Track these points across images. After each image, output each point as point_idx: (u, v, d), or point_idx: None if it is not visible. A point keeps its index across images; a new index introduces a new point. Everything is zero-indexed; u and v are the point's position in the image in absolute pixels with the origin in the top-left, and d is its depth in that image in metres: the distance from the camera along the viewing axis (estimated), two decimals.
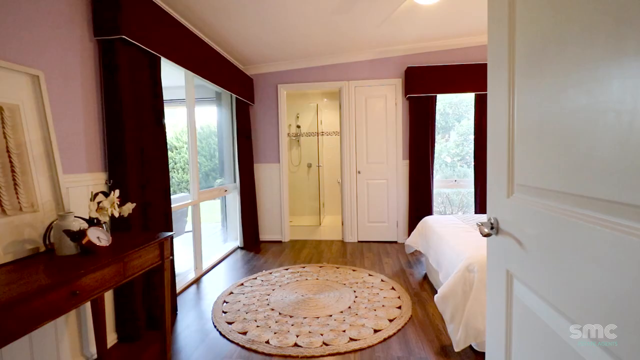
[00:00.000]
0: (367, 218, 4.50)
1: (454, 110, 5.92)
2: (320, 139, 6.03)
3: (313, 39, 3.80)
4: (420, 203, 4.26)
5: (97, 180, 2.06)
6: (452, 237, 2.44)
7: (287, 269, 3.47)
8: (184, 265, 3.55)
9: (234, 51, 3.97)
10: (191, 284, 3.19)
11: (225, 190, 4.16)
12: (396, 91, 4.35)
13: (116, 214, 1.70)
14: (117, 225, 2.10)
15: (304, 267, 3.51)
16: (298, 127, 6.20)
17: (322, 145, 6.18)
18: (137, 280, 2.21)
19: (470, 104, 5.64)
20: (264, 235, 4.71)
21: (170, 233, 1.87)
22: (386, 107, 4.39)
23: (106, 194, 1.75)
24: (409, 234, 4.34)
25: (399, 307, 2.55)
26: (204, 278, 3.36)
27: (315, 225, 5.62)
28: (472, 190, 4.82)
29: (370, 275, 3.24)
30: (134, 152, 2.26)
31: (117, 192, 1.73)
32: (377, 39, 3.92)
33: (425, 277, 3.21)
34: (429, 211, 4.24)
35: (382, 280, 3.09)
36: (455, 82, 4.06)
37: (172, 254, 2.41)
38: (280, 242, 4.65)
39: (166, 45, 2.60)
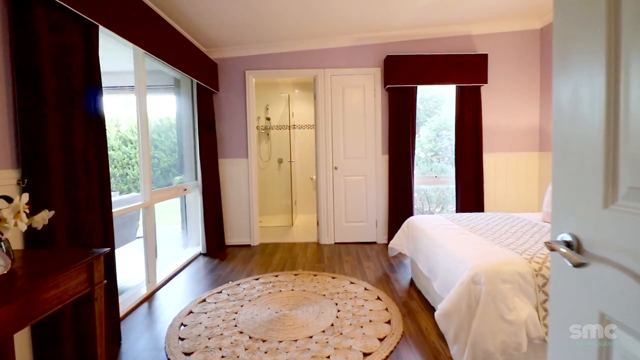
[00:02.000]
0: (344, 218, 4.20)
1: (424, 105, 5.79)
2: (292, 133, 5.65)
3: (286, 18, 3.41)
4: (400, 201, 4.02)
5: (5, 179, 1.58)
6: (448, 241, 2.18)
7: (257, 279, 3.09)
8: (134, 279, 3.07)
9: (195, 30, 3.50)
10: (142, 301, 2.72)
11: (185, 189, 3.69)
12: (375, 81, 4.06)
13: (23, 227, 1.25)
14: (35, 239, 1.63)
15: (276, 276, 3.14)
16: (268, 119, 5.78)
17: (294, 140, 5.81)
18: (65, 308, 1.75)
19: (441, 99, 5.53)
20: (231, 239, 4.28)
21: (104, 250, 1.44)
22: (364, 98, 4.09)
23: (11, 200, 1.29)
24: (388, 234, 4.10)
25: (389, 322, 2.26)
26: (159, 293, 2.90)
27: (287, 225, 5.26)
28: (450, 186, 4.68)
29: (352, 283, 2.94)
30: (60, 144, 1.78)
31: (25, 196, 1.28)
32: (356, 22, 3.61)
33: (412, 283, 2.95)
34: (409, 209, 4.01)
35: (365, 289, 2.80)
36: (437, 73, 3.84)
37: (109, 275, 1.96)
38: (249, 246, 4.24)
39: (107, 11, 2.12)
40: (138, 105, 2.90)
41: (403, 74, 3.82)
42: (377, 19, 3.54)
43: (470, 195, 4.01)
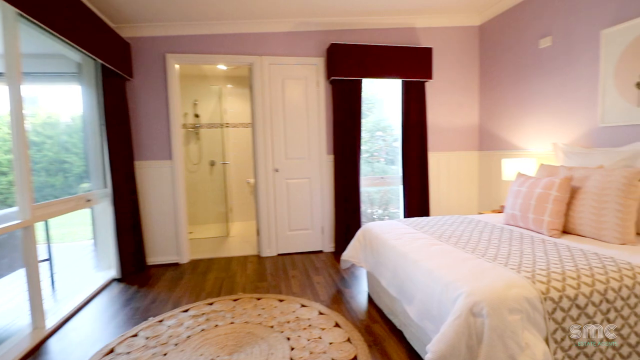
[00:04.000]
0: (287, 225, 3.63)
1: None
2: (225, 132, 4.90)
3: None
4: (347, 204, 3.59)
5: None
6: (422, 256, 1.75)
7: (186, 311, 2.37)
8: (12, 325, 2.14)
9: None
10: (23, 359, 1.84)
11: (88, 200, 2.79)
12: (318, 72, 3.57)
13: None
14: None
15: (211, 304, 2.46)
16: (196, 116, 4.95)
17: (228, 139, 5.06)
18: None
19: (372, 102, 5.31)
20: (154, 257, 3.43)
21: None
22: (307, 91, 3.57)
23: None
24: (335, 241, 3.65)
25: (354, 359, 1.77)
26: (50, 344, 2.03)
27: (222, 235, 4.51)
28: (392, 187, 4.42)
29: (303, 306, 2.39)
30: None
31: None
32: (296, 2, 3.06)
33: (370, 299, 2.51)
34: (357, 213, 3.60)
35: (320, 313, 2.27)
36: (383, 66, 3.48)
37: None
38: (176, 264, 3.43)
39: None
40: (10, 91, 2.00)
41: (348, 66, 3.39)
42: (319, 2, 3.05)
43: (416, 196, 3.74)
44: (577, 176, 2.10)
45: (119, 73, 3.00)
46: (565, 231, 2.06)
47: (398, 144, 4.64)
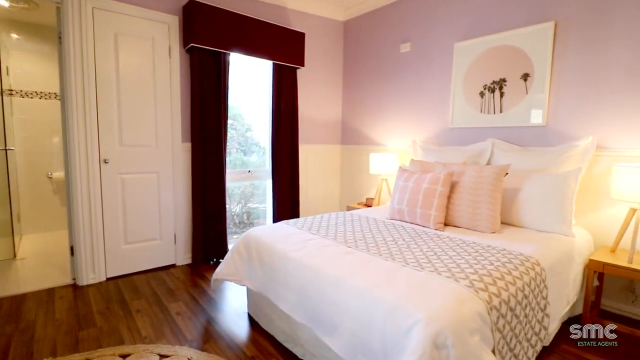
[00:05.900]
0: (123, 236, 2.63)
1: None
2: (9, 102, 3.23)
3: None
4: (209, 204, 2.92)
5: None
6: (343, 271, 1.40)
7: None
8: None
9: None
10: None
11: None
12: (171, 35, 2.71)
13: None
14: None
15: None
16: None
17: (13, 114, 3.37)
18: None
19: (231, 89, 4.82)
20: None
21: None
22: (154, 57, 2.66)
23: None
24: (192, 251, 2.93)
25: None
26: None
27: (4, 259, 2.93)
28: (254, 182, 4.00)
29: (163, 357, 1.65)
30: None
31: None
32: None
33: (253, 322, 2.00)
34: (221, 215, 2.98)
35: None
36: (253, 41, 2.96)
37: None
38: None
39: None
40: None
41: (212, 33, 2.70)
42: None
43: (287, 191, 3.43)
44: (455, 172, 2.22)
45: None
46: (446, 223, 2.14)
47: (251, 134, 4.23)
